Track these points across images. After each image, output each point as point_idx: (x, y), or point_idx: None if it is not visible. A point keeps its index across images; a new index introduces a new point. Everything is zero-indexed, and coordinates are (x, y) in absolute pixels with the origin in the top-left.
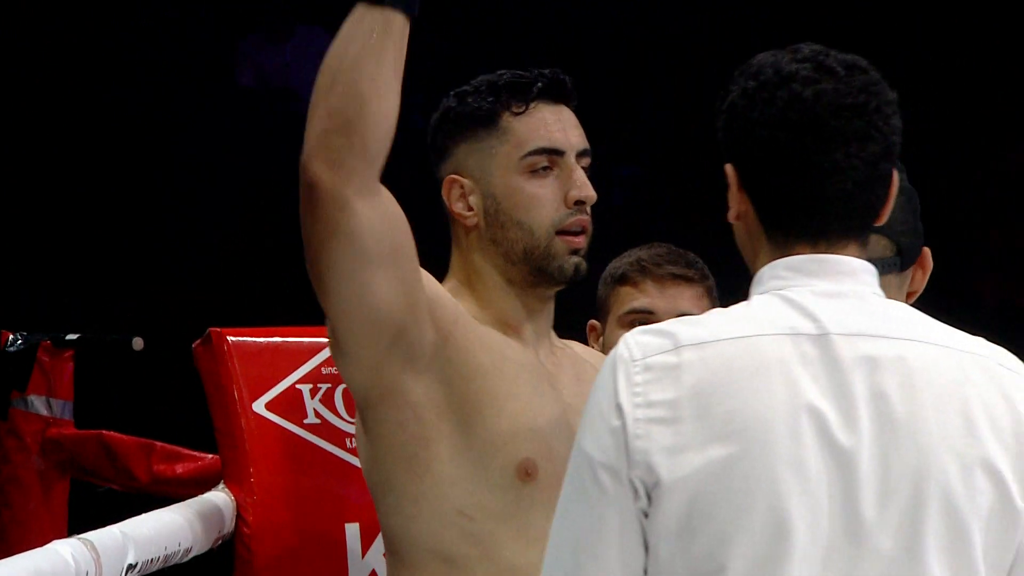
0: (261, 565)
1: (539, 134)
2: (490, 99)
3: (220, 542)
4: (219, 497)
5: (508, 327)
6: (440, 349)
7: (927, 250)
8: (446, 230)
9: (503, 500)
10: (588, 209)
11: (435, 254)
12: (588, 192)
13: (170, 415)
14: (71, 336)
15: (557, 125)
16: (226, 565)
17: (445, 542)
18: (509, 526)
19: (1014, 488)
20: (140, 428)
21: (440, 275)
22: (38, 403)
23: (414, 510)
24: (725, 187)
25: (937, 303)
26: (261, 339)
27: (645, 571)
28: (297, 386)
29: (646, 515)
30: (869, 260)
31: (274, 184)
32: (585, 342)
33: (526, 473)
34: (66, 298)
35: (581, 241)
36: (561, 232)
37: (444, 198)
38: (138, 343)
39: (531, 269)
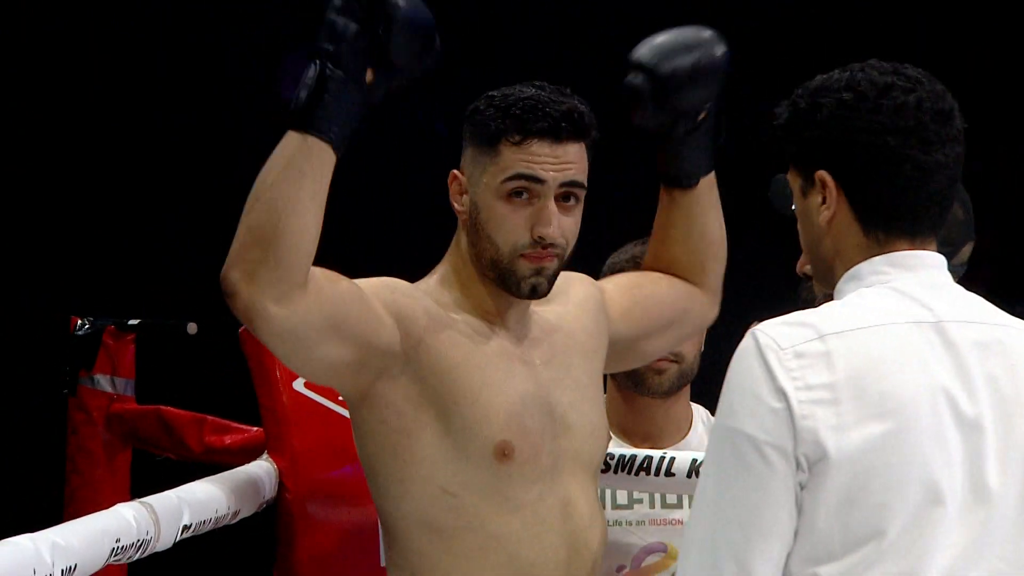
0: (301, 527)
1: (523, 163)
2: (497, 122)
3: (264, 506)
4: (263, 466)
5: (488, 314)
6: (412, 354)
7: None
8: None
9: (483, 477)
10: (559, 242)
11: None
12: (548, 231)
13: (220, 392)
14: (133, 321)
15: (546, 159)
16: (269, 526)
17: (431, 516)
18: (491, 500)
19: None
20: (194, 404)
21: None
22: (103, 381)
23: (401, 490)
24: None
25: None
26: None
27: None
28: None
29: (802, 487)
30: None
31: None
32: None
33: (503, 454)
34: (129, 287)
35: (543, 261)
36: (523, 256)
37: (448, 185)
38: (192, 328)
39: (495, 278)
